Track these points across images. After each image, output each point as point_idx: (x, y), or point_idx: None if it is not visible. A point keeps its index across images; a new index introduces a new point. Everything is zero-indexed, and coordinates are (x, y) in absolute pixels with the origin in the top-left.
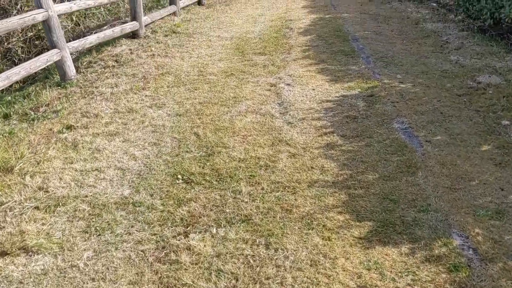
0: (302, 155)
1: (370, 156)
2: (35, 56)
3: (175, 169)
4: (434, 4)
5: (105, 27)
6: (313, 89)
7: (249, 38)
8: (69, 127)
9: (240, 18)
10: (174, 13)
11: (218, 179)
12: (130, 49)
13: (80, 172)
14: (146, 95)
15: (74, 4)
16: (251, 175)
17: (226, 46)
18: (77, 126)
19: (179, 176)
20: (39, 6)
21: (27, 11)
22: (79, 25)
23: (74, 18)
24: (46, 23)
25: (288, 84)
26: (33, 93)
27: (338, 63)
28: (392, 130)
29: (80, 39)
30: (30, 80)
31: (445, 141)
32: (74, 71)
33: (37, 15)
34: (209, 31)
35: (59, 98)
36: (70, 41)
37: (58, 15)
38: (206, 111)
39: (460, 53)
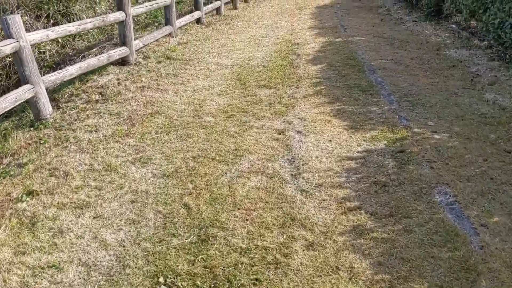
0: (323, 246)
1: (412, 249)
2: (15, 84)
3: (156, 265)
4: (454, 26)
5: (94, 49)
6: (330, 140)
7: (252, 66)
8: (31, 193)
9: (242, 40)
10: (170, 34)
11: (213, 285)
12: (118, 79)
13: (32, 270)
14: (129, 145)
15: (52, 31)
16: (256, 279)
17: (226, 76)
18: (41, 191)
19: (161, 279)
20: (9, 35)
21: None
22: (65, 47)
23: (60, 40)
24: (17, 55)
25: (299, 132)
26: (2, 134)
27: (355, 102)
28: (434, 206)
29: (59, 72)
30: (4, 113)
31: (506, 225)
32: (50, 108)
33: (5, 47)
34: (207, 56)
35: (29, 144)
36: (52, 69)
37: (32, 45)
38: (200, 170)
39: (496, 90)
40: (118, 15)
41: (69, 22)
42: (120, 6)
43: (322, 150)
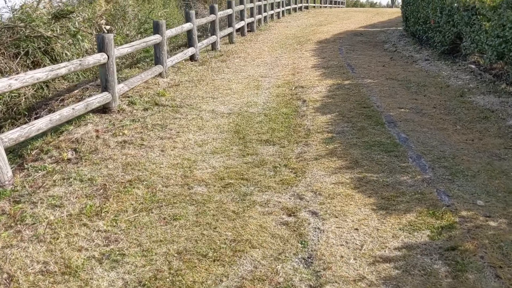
0: None
1: None
2: None
3: None
4: (473, 67)
5: (76, 91)
6: (356, 229)
7: (251, 114)
8: None
9: (239, 80)
10: (160, 74)
11: None
12: (97, 131)
13: None
14: (99, 230)
15: (16, 79)
16: None
17: (222, 127)
18: None
19: None
20: None
21: None
22: (44, 89)
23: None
24: None
25: (315, 214)
26: None
27: (379, 168)
28: None
29: (23, 127)
30: None
31: None
32: (10, 173)
33: None
34: (201, 102)
35: None
36: (26, 116)
37: None
38: (187, 276)
39: None
40: (99, 57)
41: (52, 59)
42: (101, 47)
43: (347, 244)
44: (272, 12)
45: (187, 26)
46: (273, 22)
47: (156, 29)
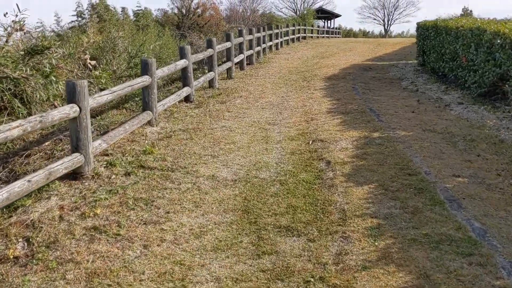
0: None
1: None
2: None
3: None
4: None
5: (47, 142)
6: None
7: (262, 181)
8: None
9: (243, 129)
10: (149, 122)
11: None
12: (61, 208)
13: None
14: None
15: None
16: None
17: (226, 203)
18: None
19: None
20: None
21: None
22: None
23: None
24: None
25: None
26: None
27: (462, 286)
28: None
29: None
30: None
31: None
32: None
33: None
34: (198, 162)
35: None
36: None
37: None
38: None
39: None
40: (68, 111)
41: (25, 102)
42: (72, 96)
43: None
44: (270, 43)
45: (181, 63)
46: (272, 54)
47: (145, 69)
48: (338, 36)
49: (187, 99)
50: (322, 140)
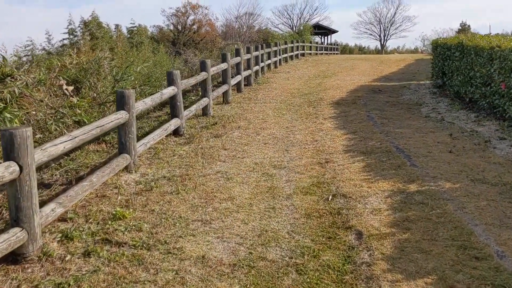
0: None
1: None
2: None
3: None
4: None
5: None
6: None
7: (271, 266)
8: None
9: (243, 177)
10: (126, 168)
11: None
12: None
13: None
14: None
15: None
16: None
17: None
18: None
19: None
20: None
21: None
22: None
23: None
24: None
25: None
26: None
27: None
28: None
29: None
30: None
31: None
32: None
33: None
34: (183, 233)
35: None
36: None
37: None
38: None
39: None
40: (2, 172)
41: None
42: (9, 152)
43: None
44: (269, 61)
45: (168, 91)
46: (271, 73)
47: (121, 103)
48: (336, 52)
49: (176, 132)
50: (345, 196)
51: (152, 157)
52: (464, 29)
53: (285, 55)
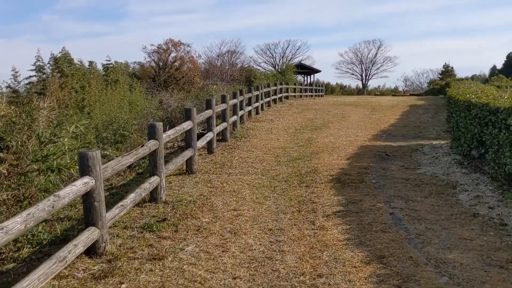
0: None
1: None
2: None
3: None
4: None
5: None
6: None
7: None
8: None
9: None
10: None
11: None
12: None
13: None
14: None
15: None
16: None
17: None
18: None
19: None
20: None
21: None
22: None
23: None
24: None
25: None
26: None
27: None
28: None
29: None
30: None
31: None
32: None
33: None
34: None
35: None
36: None
37: None
38: None
39: None
40: None
41: None
42: None
43: None
44: (250, 108)
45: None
46: (252, 122)
47: None
48: (321, 94)
49: (153, 196)
50: None
51: (116, 240)
52: (447, 70)
53: (267, 99)
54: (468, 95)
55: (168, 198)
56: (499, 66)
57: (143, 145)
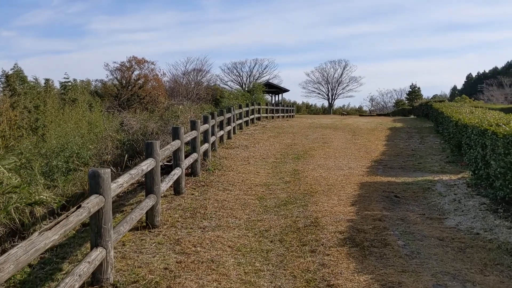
0: None
1: None
2: None
3: None
4: None
5: None
6: None
7: None
8: None
9: None
10: None
11: None
12: None
13: None
14: None
15: None
16: None
17: None
18: None
19: None
20: None
21: None
22: None
23: None
24: None
25: None
26: None
27: None
28: None
29: None
30: None
31: None
32: None
33: None
34: None
35: None
36: None
37: None
38: None
39: None
40: None
41: None
42: None
43: None
44: (221, 132)
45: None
46: (224, 149)
47: None
48: (292, 114)
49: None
50: None
51: None
52: (414, 91)
53: (239, 121)
54: (504, 126)
55: (118, 277)
56: (459, 86)
57: (79, 206)
